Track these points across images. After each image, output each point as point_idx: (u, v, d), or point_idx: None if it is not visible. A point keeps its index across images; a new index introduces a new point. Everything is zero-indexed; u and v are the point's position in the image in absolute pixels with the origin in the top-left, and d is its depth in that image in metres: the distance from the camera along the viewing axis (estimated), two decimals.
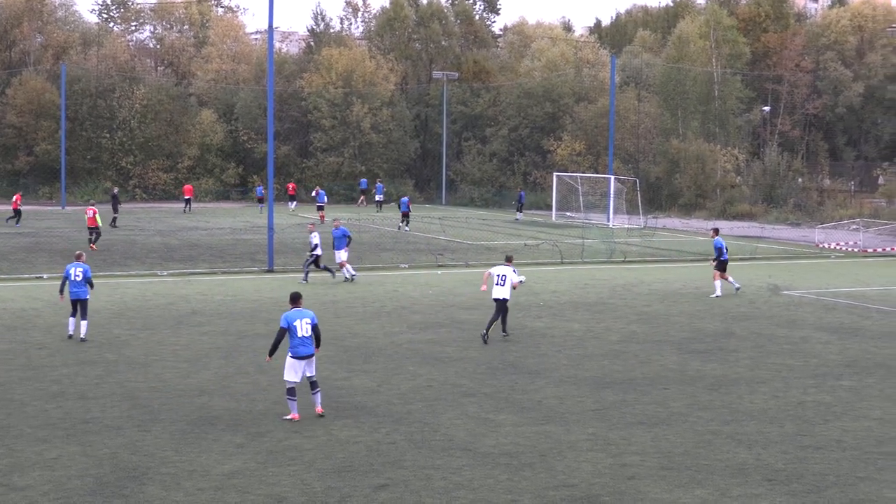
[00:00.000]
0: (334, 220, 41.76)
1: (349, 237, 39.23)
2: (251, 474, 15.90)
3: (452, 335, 27.86)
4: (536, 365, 24.01)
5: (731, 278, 36.89)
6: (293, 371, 18.75)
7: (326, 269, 38.83)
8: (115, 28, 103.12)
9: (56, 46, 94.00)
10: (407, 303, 33.70)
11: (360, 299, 34.26)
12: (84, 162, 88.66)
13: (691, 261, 48.29)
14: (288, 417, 18.74)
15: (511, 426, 18.74)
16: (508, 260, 29.28)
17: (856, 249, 55.23)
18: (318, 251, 38.12)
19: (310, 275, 38.60)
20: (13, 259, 44.49)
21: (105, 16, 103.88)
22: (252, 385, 21.67)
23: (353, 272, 39.15)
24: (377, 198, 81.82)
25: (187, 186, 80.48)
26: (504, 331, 27.76)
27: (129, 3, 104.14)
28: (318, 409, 19.02)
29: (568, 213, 75.86)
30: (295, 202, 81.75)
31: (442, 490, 15.20)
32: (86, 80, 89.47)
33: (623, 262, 47.30)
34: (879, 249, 55.09)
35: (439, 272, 42.44)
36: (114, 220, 61.06)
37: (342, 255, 38.75)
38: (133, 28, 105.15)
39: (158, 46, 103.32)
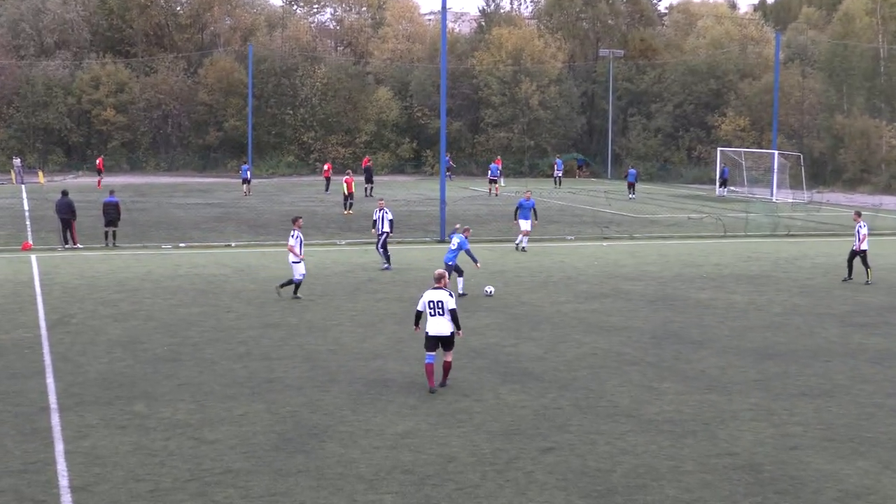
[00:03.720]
0: (526, 192, 41.30)
1: (533, 209, 39.46)
2: (423, 434, 16.32)
3: (617, 305, 27.98)
4: (699, 335, 23.87)
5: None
6: None
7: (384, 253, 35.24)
8: (297, 10, 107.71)
9: (244, 29, 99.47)
10: (573, 273, 33.97)
11: (528, 269, 34.70)
12: (269, 137, 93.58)
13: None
14: None
15: (674, 394, 18.82)
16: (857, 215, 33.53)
17: None
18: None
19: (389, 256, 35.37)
20: (204, 228, 46.64)
21: None
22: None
23: (525, 245, 39.78)
24: (557, 173, 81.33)
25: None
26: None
27: None
28: None
29: (732, 188, 76.05)
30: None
31: (606, 455, 15.43)
32: (271, 60, 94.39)
33: (787, 235, 47.33)
34: None
35: (604, 244, 42.60)
36: (369, 189, 65.73)
37: (526, 224, 39.20)
38: (315, 10, 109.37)
39: (338, 27, 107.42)
